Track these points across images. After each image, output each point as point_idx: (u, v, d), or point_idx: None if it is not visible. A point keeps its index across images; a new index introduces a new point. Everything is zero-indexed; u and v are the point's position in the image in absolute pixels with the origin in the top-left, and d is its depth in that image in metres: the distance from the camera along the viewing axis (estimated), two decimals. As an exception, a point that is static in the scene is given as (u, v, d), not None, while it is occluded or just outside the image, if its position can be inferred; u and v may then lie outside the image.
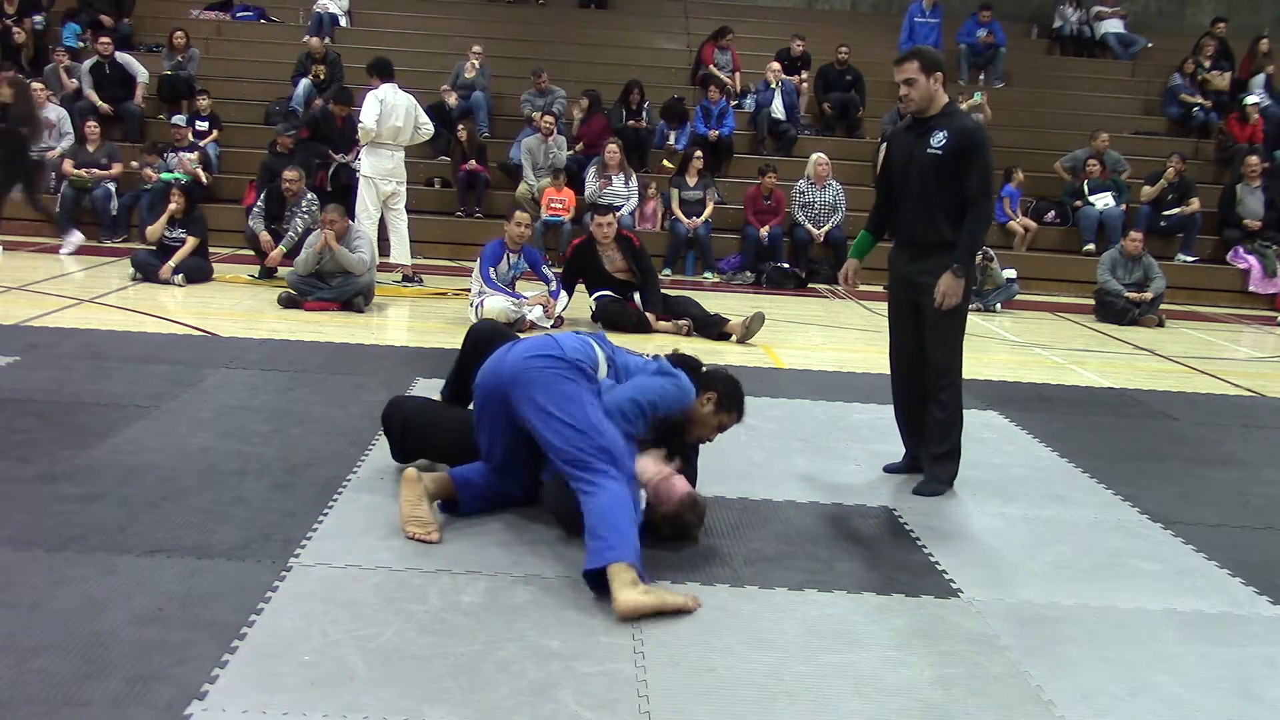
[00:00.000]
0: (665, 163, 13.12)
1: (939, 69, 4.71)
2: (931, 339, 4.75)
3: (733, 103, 14.02)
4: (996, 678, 3.08)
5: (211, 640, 2.95)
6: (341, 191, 10.67)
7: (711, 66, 14.49)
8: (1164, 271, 10.79)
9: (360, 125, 9.80)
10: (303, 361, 6.50)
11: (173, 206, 9.29)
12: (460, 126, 12.48)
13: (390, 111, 9.69)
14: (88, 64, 13.01)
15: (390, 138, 9.77)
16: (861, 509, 4.46)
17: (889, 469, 5.00)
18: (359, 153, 10.23)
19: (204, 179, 11.98)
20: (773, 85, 13.97)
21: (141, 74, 13.20)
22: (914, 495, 4.67)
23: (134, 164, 11.74)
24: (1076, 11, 16.71)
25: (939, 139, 4.63)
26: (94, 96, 12.80)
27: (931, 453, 4.78)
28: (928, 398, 4.79)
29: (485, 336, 4.59)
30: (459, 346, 4.55)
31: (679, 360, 4.16)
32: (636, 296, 8.47)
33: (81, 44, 13.84)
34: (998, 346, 8.59)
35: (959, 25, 15.34)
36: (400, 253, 10.11)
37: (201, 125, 12.80)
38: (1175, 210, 12.80)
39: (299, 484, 4.24)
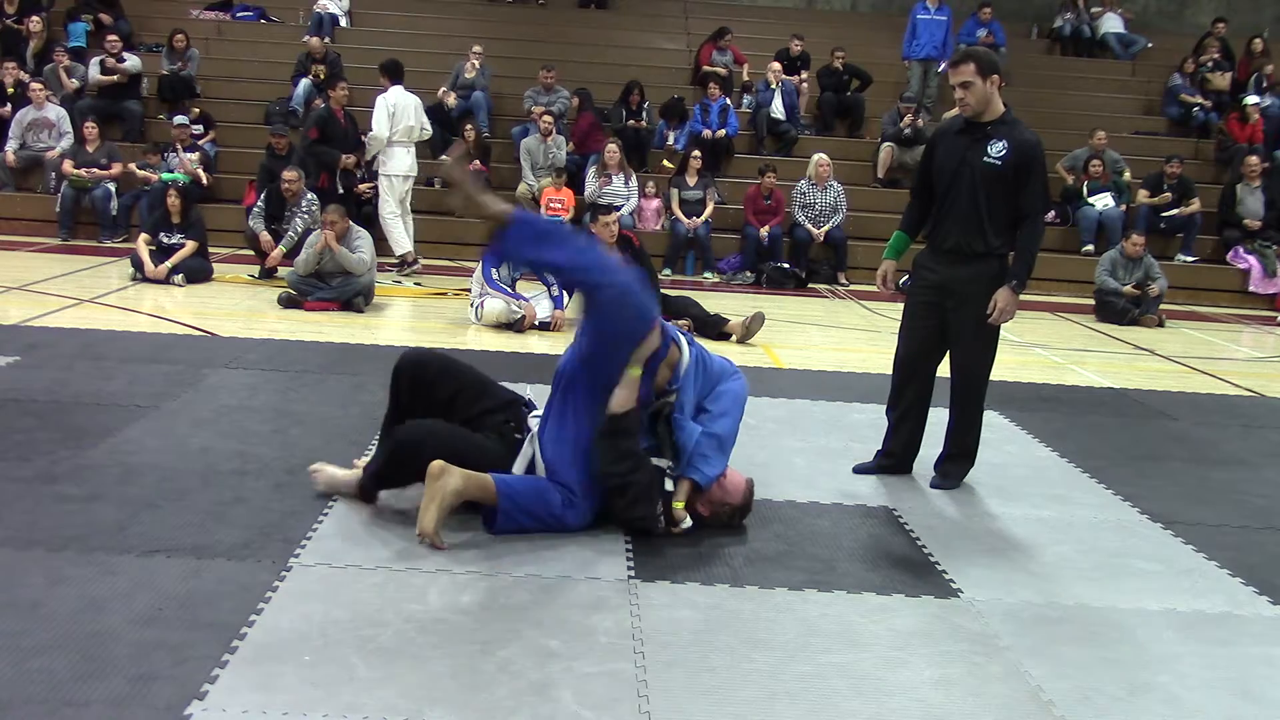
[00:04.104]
0: (665, 163, 13.13)
1: (995, 71, 4.54)
2: (967, 348, 4.75)
3: (737, 105, 14.00)
4: (996, 678, 3.08)
5: (211, 640, 2.94)
6: (342, 194, 10.68)
7: (708, 68, 14.48)
8: (1164, 271, 10.80)
9: (372, 136, 10.36)
10: (303, 361, 6.50)
11: (173, 200, 9.35)
12: (469, 126, 12.51)
13: (402, 112, 10.29)
14: (96, 59, 13.00)
15: (405, 136, 10.36)
16: (862, 509, 4.46)
17: (859, 470, 4.95)
18: (367, 160, 10.44)
19: (204, 179, 11.98)
20: (773, 85, 13.97)
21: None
22: (930, 489, 4.75)
23: (133, 165, 11.73)
24: (1073, 13, 16.72)
25: (999, 149, 4.51)
26: (104, 79, 12.80)
27: (952, 451, 4.86)
28: (953, 396, 4.82)
29: (418, 363, 4.19)
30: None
31: None
32: (636, 296, 8.45)
33: (87, 44, 13.85)
34: (998, 346, 8.56)
35: (959, 25, 15.33)
36: (404, 241, 10.57)
37: (196, 128, 12.77)
38: (1175, 210, 12.80)
39: (299, 484, 4.23)
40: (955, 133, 4.69)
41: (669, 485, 3.99)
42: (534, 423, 4.03)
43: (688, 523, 3.99)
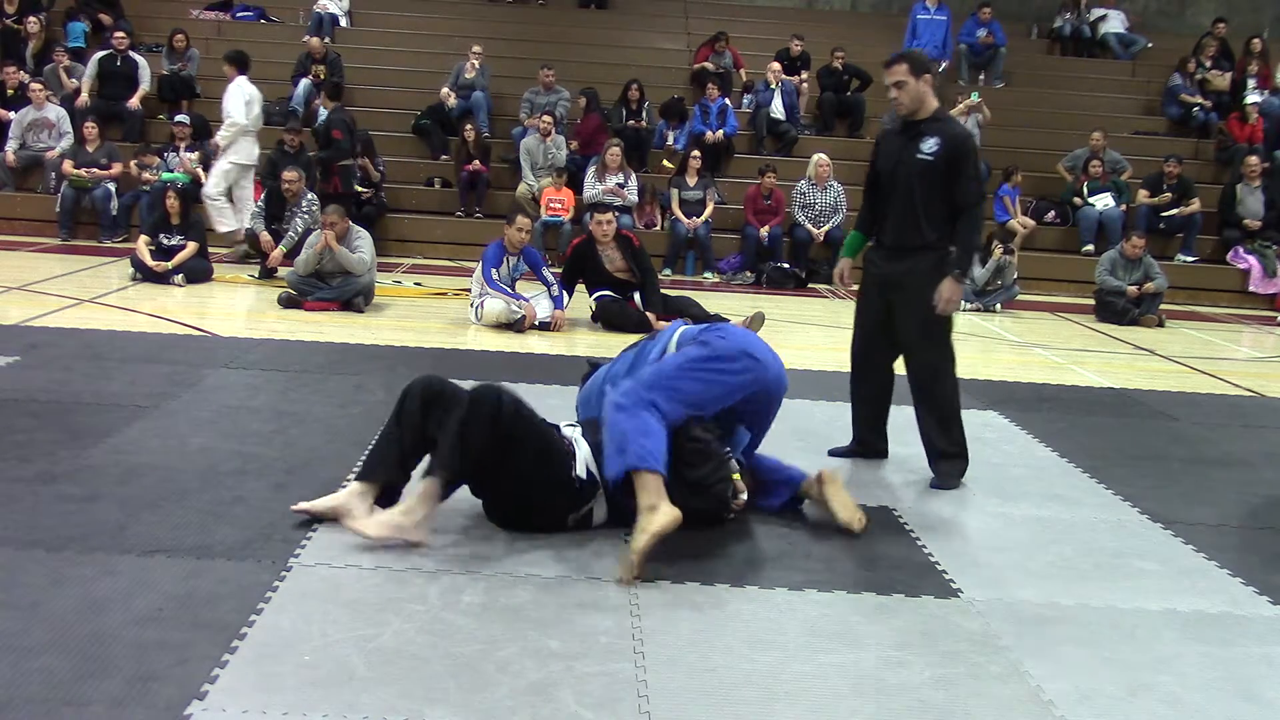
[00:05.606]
0: (665, 163, 13.13)
1: (927, 71, 4.81)
2: (918, 339, 4.84)
3: (736, 106, 13.99)
4: (996, 678, 3.08)
5: (211, 640, 2.94)
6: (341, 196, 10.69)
7: (702, 65, 14.49)
8: (1164, 271, 10.80)
9: (230, 122, 10.59)
10: (303, 361, 6.50)
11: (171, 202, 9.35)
12: (469, 126, 12.50)
13: (255, 102, 10.74)
14: (98, 55, 12.99)
15: (255, 125, 10.78)
16: (861, 509, 4.44)
17: (833, 452, 5.12)
18: (222, 146, 10.71)
19: (204, 179, 11.96)
20: (772, 85, 13.97)
21: (144, 79, 13.15)
22: (930, 489, 4.76)
23: (133, 164, 11.73)
24: (1073, 13, 16.72)
25: (930, 145, 4.69)
26: (85, 87, 12.75)
27: (940, 450, 4.86)
28: (915, 396, 4.91)
29: (431, 389, 3.86)
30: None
31: None
32: (636, 296, 8.47)
33: (86, 44, 13.84)
34: (998, 346, 8.58)
35: (959, 25, 15.34)
36: (232, 219, 10.83)
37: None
38: (1174, 210, 12.80)
39: (299, 484, 4.23)
40: (895, 132, 4.93)
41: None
42: (569, 431, 4.02)
43: (745, 495, 4.04)
